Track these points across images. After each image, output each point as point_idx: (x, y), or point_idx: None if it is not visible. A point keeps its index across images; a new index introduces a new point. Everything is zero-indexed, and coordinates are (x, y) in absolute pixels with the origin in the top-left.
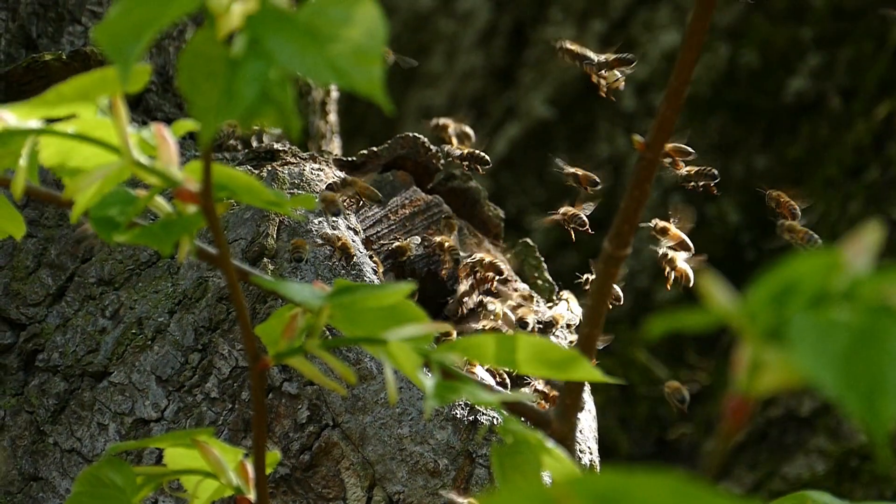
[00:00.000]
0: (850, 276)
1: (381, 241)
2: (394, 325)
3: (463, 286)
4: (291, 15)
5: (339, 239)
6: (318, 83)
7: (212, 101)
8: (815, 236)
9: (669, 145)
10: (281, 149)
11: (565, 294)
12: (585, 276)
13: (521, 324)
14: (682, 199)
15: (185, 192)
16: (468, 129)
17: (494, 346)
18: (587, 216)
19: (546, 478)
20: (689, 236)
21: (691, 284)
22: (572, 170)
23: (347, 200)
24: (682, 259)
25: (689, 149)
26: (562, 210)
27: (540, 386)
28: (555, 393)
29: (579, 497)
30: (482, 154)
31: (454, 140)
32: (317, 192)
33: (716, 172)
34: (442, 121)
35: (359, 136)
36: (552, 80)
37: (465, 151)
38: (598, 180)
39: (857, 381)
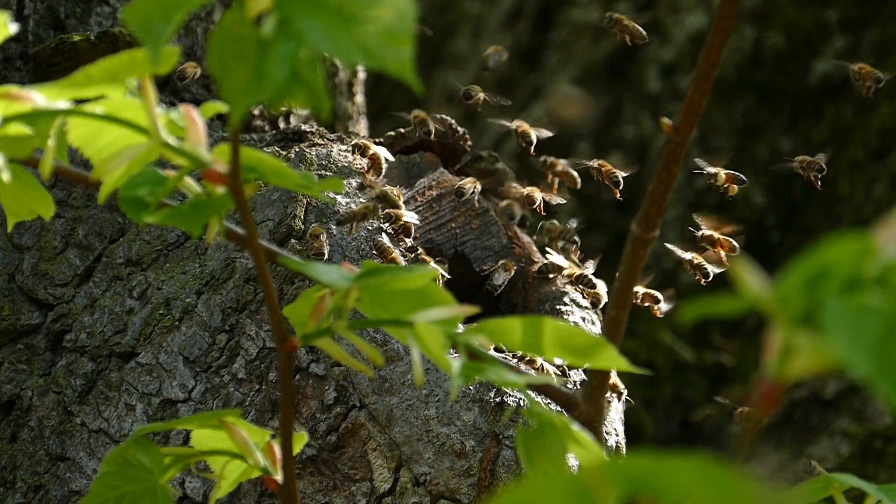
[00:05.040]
0: (882, 262)
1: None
2: (421, 307)
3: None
4: None
5: (390, 252)
6: (348, 64)
7: (242, 82)
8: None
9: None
10: (308, 130)
11: (595, 280)
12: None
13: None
14: (707, 182)
15: (214, 174)
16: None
17: (520, 330)
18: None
19: (572, 461)
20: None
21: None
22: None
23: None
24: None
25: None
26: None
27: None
28: None
29: (611, 481)
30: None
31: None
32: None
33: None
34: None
35: (385, 117)
36: (578, 62)
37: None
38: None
39: (890, 366)
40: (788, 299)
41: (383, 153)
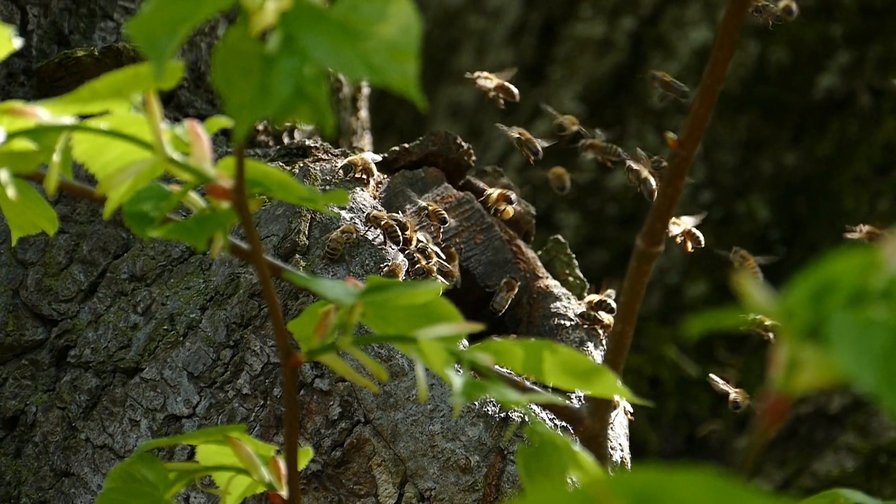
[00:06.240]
0: (887, 275)
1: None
2: (426, 323)
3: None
4: (325, 12)
5: (397, 267)
6: (352, 80)
7: (246, 98)
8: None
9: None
10: (313, 145)
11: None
12: None
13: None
14: (712, 197)
15: (219, 189)
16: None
17: (523, 352)
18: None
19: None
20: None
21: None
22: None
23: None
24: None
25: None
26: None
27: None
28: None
29: (617, 494)
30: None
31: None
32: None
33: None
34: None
35: (389, 132)
36: (582, 77)
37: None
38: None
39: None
40: (794, 313)
41: (369, 157)
